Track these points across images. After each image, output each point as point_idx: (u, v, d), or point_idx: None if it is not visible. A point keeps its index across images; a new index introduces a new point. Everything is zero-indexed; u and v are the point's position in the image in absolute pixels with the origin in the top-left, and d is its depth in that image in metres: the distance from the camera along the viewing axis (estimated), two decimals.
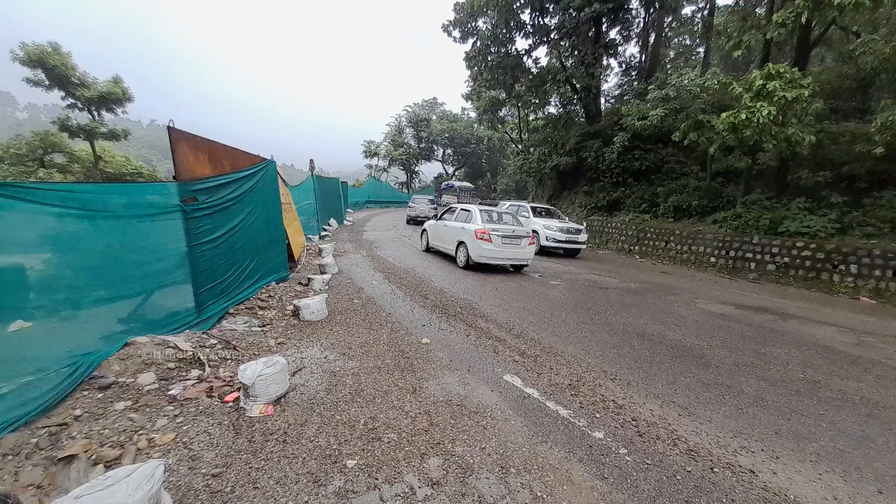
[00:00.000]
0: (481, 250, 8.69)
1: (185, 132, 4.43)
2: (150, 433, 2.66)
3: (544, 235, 12.65)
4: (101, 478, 1.88)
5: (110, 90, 25.99)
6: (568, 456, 2.74)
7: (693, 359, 4.70)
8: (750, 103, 9.82)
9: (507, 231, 8.86)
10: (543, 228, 12.75)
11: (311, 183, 13.39)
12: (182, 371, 3.47)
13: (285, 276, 6.77)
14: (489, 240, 8.61)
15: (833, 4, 8.34)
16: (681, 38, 27.55)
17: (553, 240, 12.53)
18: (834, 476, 2.71)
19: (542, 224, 12.91)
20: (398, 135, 45.90)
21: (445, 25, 21.36)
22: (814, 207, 10.71)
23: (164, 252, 4.14)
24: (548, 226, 12.77)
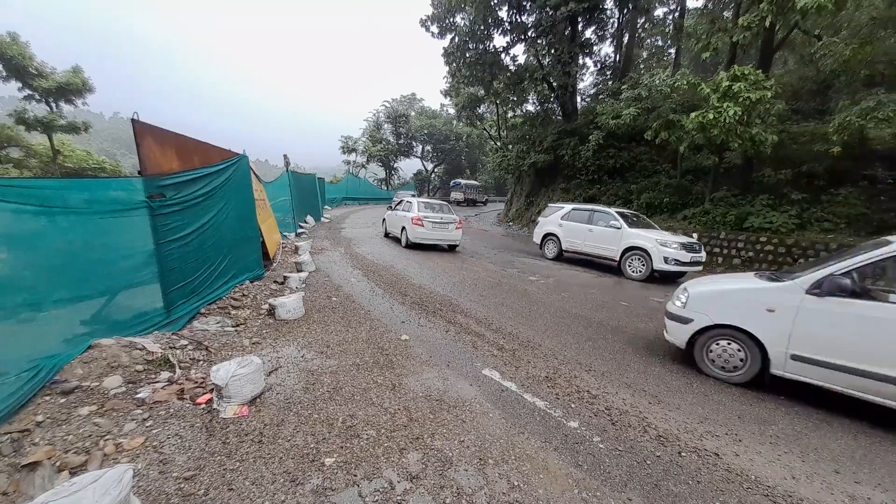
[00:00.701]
0: (416, 233, 10.96)
1: (151, 125, 4.27)
2: (118, 438, 2.57)
3: (660, 255, 8.95)
4: (66, 484, 1.81)
5: (69, 80, 24.63)
6: (544, 445, 2.81)
7: (663, 349, 4.88)
8: (717, 104, 10.21)
9: (437, 218, 11.14)
10: (658, 246, 9.04)
11: (286, 179, 13.10)
12: (151, 373, 3.35)
13: (260, 274, 6.61)
14: (422, 225, 10.89)
15: (796, 8, 8.73)
16: (653, 39, 28.32)
17: (674, 261, 8.82)
18: (792, 457, 2.88)
19: (655, 239, 9.17)
20: (376, 130, 45.34)
21: (423, 20, 21.21)
22: (776, 204, 11.24)
23: (130, 250, 3.98)
24: (663, 241, 9.05)
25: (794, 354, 3.60)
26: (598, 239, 10.35)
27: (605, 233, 10.15)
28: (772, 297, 3.76)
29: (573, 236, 11.06)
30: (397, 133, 45.67)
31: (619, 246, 9.77)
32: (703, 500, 2.37)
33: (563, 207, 11.78)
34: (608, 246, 10.07)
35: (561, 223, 11.44)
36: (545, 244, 12.05)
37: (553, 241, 11.78)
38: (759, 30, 10.21)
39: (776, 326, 3.69)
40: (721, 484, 2.53)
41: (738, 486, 2.52)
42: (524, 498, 2.30)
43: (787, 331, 3.62)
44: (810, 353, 3.51)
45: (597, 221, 10.51)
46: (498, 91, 23.29)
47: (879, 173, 10.82)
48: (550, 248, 11.85)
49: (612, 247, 9.96)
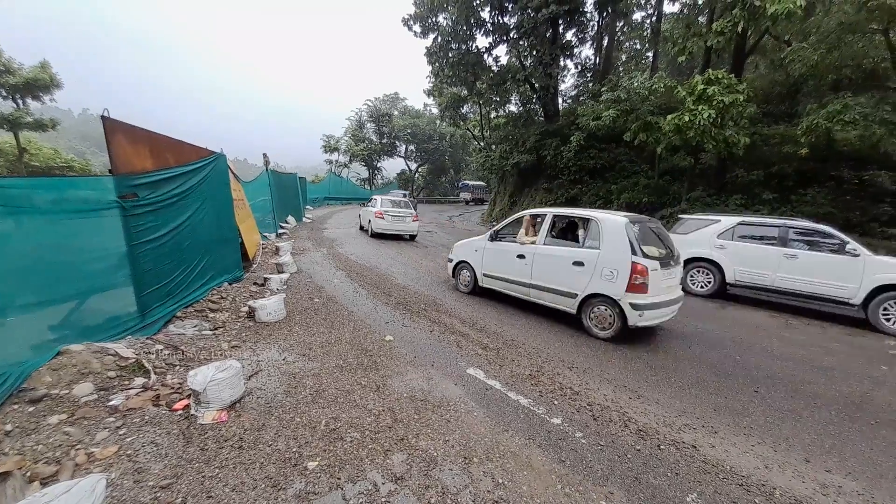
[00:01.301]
0: (378, 224, 13.08)
1: (123, 122, 4.11)
2: (90, 447, 2.47)
3: None
4: (37, 494, 1.75)
5: (37, 76, 23.58)
6: (528, 442, 2.84)
7: (643, 345, 4.99)
8: (692, 106, 10.51)
9: (396, 212, 13.16)
10: None
11: (266, 178, 12.85)
12: (124, 380, 3.24)
13: (239, 276, 6.47)
14: (383, 218, 12.98)
15: (767, 14, 9.06)
16: (632, 43, 28.94)
17: None
18: (765, 447, 2.98)
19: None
20: (359, 129, 44.88)
21: (406, 19, 21.13)
22: (748, 203, 11.65)
23: (101, 252, 3.84)
24: None
25: (486, 274, 6.61)
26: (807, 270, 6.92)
27: (824, 261, 6.78)
28: (478, 244, 6.78)
29: (753, 264, 7.44)
30: (380, 132, 45.33)
31: (858, 283, 6.42)
32: (682, 492, 2.44)
33: (716, 220, 8.07)
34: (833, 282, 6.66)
35: (722, 244, 7.75)
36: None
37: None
38: (731, 35, 10.56)
39: (479, 258, 6.71)
40: (698, 475, 2.60)
41: (714, 477, 2.59)
42: (508, 495, 2.31)
43: (481, 260, 6.66)
44: (488, 271, 6.55)
45: (796, 244, 7.17)
46: (481, 91, 23.40)
47: (845, 174, 11.34)
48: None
49: (843, 284, 6.56)
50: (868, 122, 9.56)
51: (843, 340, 5.77)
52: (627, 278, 4.69)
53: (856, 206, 10.35)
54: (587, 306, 5.19)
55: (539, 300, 5.79)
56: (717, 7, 11.98)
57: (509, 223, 6.49)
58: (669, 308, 5.07)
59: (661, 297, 4.87)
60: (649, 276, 4.66)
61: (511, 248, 6.15)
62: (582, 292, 5.15)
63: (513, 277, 6.11)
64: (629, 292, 4.69)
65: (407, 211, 13.57)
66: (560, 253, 5.48)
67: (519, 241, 6.08)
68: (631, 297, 4.70)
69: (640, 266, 4.65)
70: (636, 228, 4.99)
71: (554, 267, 5.51)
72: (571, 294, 5.28)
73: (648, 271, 4.66)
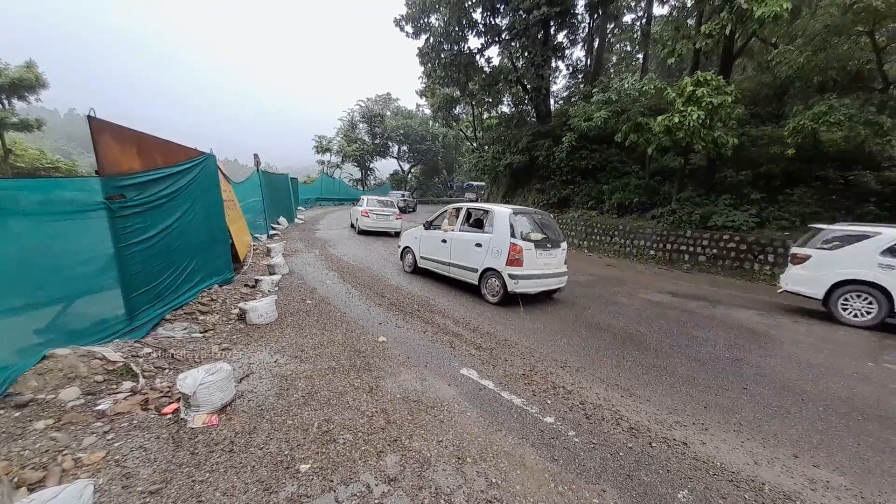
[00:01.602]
0: (363, 223, 14.24)
1: (110, 122, 4.05)
2: (77, 452, 2.43)
3: None
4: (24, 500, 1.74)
5: (22, 76, 23.11)
6: (521, 442, 2.84)
7: (634, 344, 5.03)
8: (682, 108, 10.63)
9: (380, 211, 14.33)
10: None
11: (257, 179, 12.74)
12: (112, 384, 3.19)
13: (229, 277, 6.40)
14: (368, 216, 14.16)
15: (754, 17, 9.19)
16: (622, 45, 29.23)
17: None
18: (754, 443, 3.02)
19: None
20: (351, 130, 44.69)
21: (398, 20, 21.10)
22: (737, 203, 11.81)
23: (88, 254, 3.78)
24: None
25: (422, 256, 8.00)
26: None
27: None
28: (417, 233, 8.21)
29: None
30: (373, 133, 45.19)
31: None
32: (673, 488, 2.46)
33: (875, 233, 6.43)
34: None
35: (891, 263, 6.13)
36: None
37: None
38: (719, 37, 10.70)
39: (418, 245, 8.11)
40: (689, 471, 2.63)
41: (704, 473, 2.62)
42: (502, 494, 2.32)
43: (419, 245, 8.08)
44: (423, 254, 7.95)
45: None
46: (473, 92, 23.45)
47: (831, 174, 11.54)
48: None
49: None
50: (853, 123, 9.74)
51: None
52: (507, 255, 6.05)
53: (841, 206, 10.53)
54: (484, 278, 6.58)
55: (455, 275, 7.22)
56: (706, 10, 12.14)
57: (439, 215, 7.90)
58: (543, 280, 6.39)
59: (534, 270, 6.22)
60: (524, 254, 6.04)
61: (438, 234, 7.55)
62: (480, 267, 6.55)
63: (438, 258, 7.54)
64: (508, 265, 6.06)
65: (390, 210, 14.69)
66: (468, 237, 6.87)
67: (443, 229, 7.47)
68: (509, 270, 6.06)
69: (517, 246, 6.03)
70: (518, 218, 6.35)
71: (464, 248, 6.91)
72: (474, 269, 6.69)
73: (523, 250, 6.03)
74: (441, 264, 7.47)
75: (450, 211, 7.61)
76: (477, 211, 7.17)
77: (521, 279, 6.07)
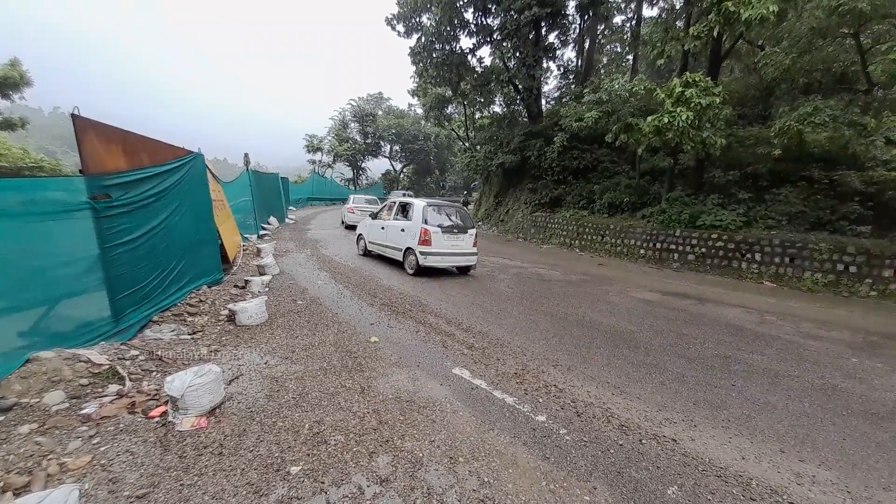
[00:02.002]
0: (348, 218, 16.22)
1: (94, 121, 3.98)
2: (62, 457, 2.39)
3: None
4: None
5: (6, 74, 22.53)
6: (513, 440, 2.85)
7: (625, 342, 5.08)
8: (671, 108, 10.75)
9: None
10: None
11: (246, 178, 12.61)
12: (97, 387, 3.13)
13: (218, 278, 6.32)
14: (353, 212, 15.82)
15: (741, 20, 9.32)
16: (612, 46, 29.47)
17: None
18: (742, 439, 3.07)
19: None
20: (342, 129, 44.43)
21: (389, 19, 21.03)
22: (725, 203, 11.98)
23: (73, 256, 3.71)
24: None
25: (369, 241, 9.77)
26: None
27: None
28: (367, 222, 10.05)
29: None
30: (364, 132, 45.01)
31: None
32: (663, 485, 2.48)
33: None
34: None
35: None
36: None
37: None
38: (707, 39, 10.84)
39: (367, 231, 9.92)
40: (678, 468, 2.66)
41: (693, 469, 2.65)
42: (494, 493, 2.32)
43: (367, 232, 9.79)
44: (371, 240, 9.72)
45: None
46: (465, 92, 23.45)
47: (816, 174, 11.76)
48: None
49: None
50: (837, 123, 9.94)
51: None
52: (419, 236, 7.88)
53: (826, 205, 10.74)
54: (406, 255, 8.45)
55: (389, 255, 9.16)
56: (694, 12, 12.30)
57: (381, 208, 9.95)
58: (449, 258, 8.22)
59: (442, 249, 8.01)
60: (431, 236, 7.86)
61: (379, 223, 9.53)
62: (403, 246, 8.48)
63: (379, 241, 9.50)
64: (419, 245, 7.92)
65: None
66: (397, 224, 8.78)
67: (382, 219, 9.42)
68: (421, 248, 7.91)
69: (426, 230, 7.87)
70: (430, 209, 8.29)
71: (395, 232, 8.79)
72: (400, 248, 8.62)
73: (431, 233, 7.86)
74: (381, 246, 9.45)
75: (388, 205, 9.56)
76: (404, 204, 8.96)
77: (430, 255, 7.92)
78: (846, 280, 9.05)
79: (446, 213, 8.57)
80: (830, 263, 9.31)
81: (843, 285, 9.02)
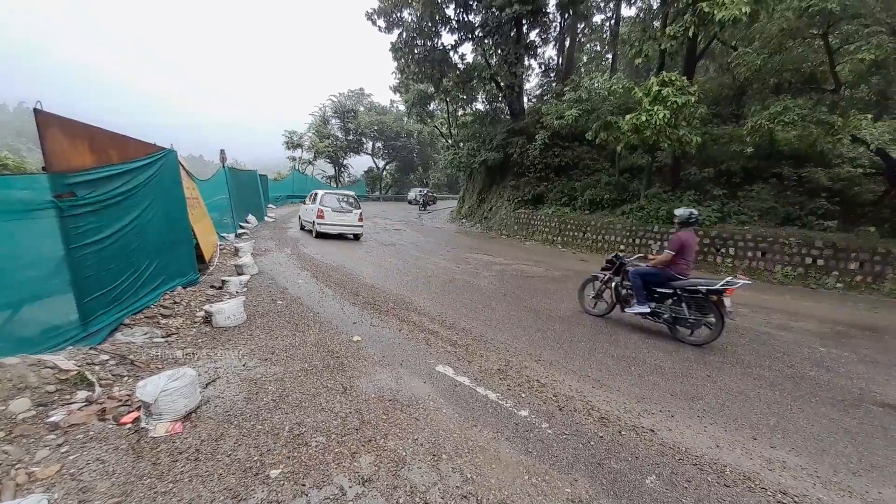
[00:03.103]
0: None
1: (59, 116, 3.79)
2: (30, 466, 2.29)
3: None
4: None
5: None
6: (496, 436, 2.87)
7: (605, 336, 5.17)
8: (649, 107, 10.95)
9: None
10: None
11: (223, 176, 12.28)
12: (65, 394, 2.99)
13: (194, 279, 6.14)
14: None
15: (715, 20, 9.57)
16: (592, 44, 29.86)
17: None
18: (717, 427, 3.17)
19: None
20: (323, 126, 43.68)
21: (369, 13, 20.74)
22: (701, 199, 12.31)
23: (36, 257, 3.54)
24: None
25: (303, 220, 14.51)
26: None
27: None
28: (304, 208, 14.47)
29: None
30: (346, 129, 44.38)
31: None
32: (641, 474, 2.54)
33: None
34: None
35: None
36: None
37: None
38: (683, 39, 11.09)
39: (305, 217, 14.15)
40: (656, 457, 2.72)
41: (671, 459, 2.72)
42: (476, 489, 2.33)
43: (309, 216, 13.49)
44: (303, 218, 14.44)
45: None
46: (447, 89, 23.40)
47: (786, 171, 12.21)
48: None
49: None
50: (806, 122, 10.30)
51: None
52: (317, 214, 12.47)
53: (795, 201, 11.17)
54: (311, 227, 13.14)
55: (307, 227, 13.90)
56: (671, 12, 12.54)
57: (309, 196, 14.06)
58: (338, 227, 12.72)
59: (331, 222, 12.59)
60: (324, 214, 12.46)
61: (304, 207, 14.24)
62: (310, 220, 13.16)
63: (305, 219, 14.01)
64: (317, 219, 12.52)
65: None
66: (312, 207, 13.08)
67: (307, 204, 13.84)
68: (318, 221, 12.50)
69: (321, 210, 12.46)
70: (327, 196, 12.98)
71: (310, 212, 13.10)
72: (311, 222, 12.97)
73: (324, 212, 12.45)
74: (306, 222, 13.83)
75: (311, 194, 13.90)
76: (315, 193, 13.30)
77: (322, 226, 12.52)
78: (814, 273, 9.45)
79: (338, 199, 13.18)
80: (800, 257, 9.70)
81: (811, 278, 9.41)
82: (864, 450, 2.97)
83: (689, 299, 4.94)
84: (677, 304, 5.07)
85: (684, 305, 4.98)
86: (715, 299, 4.71)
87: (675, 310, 5.06)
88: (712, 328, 4.81)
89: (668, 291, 5.13)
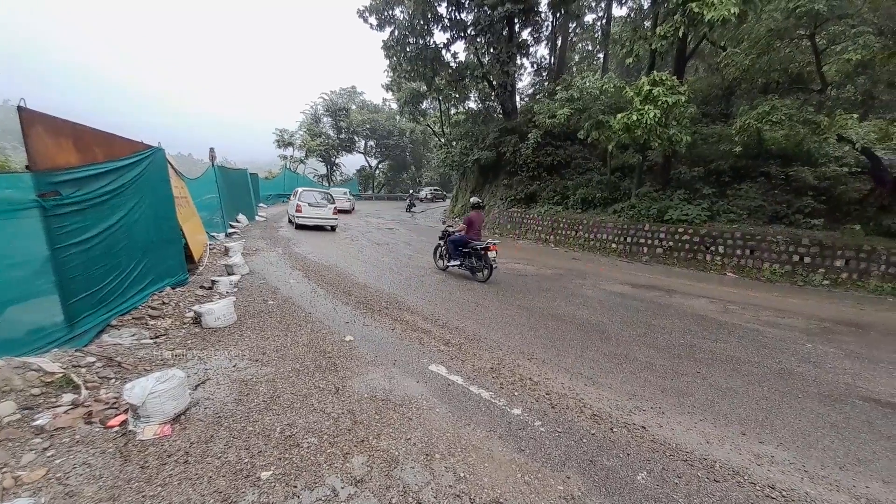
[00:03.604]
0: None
1: (43, 113, 3.71)
2: (16, 470, 2.25)
3: None
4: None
5: None
6: (489, 435, 2.87)
7: (597, 334, 5.21)
8: (640, 106, 11.03)
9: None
10: None
11: (212, 174, 12.12)
12: (51, 397, 2.93)
13: (183, 279, 6.06)
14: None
15: (704, 21, 9.67)
16: (584, 44, 30.04)
17: None
18: (706, 423, 3.21)
19: None
20: (315, 124, 43.29)
21: (361, 11, 20.62)
22: (690, 198, 12.45)
23: (20, 257, 3.46)
24: None
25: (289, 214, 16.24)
26: None
27: None
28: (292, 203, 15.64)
29: None
30: (338, 127, 44.04)
31: None
32: (633, 471, 2.56)
33: None
34: None
35: None
36: None
37: None
38: (673, 39, 11.18)
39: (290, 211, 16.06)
40: (647, 454, 2.75)
41: (661, 455, 2.75)
42: (469, 488, 2.33)
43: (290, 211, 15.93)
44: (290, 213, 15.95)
45: None
46: (440, 87, 23.36)
47: (773, 170, 12.39)
48: None
49: None
50: (793, 122, 10.47)
51: None
52: (297, 208, 14.33)
53: (783, 200, 11.34)
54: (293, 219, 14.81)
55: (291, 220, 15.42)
56: (661, 12, 12.64)
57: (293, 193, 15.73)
58: (315, 220, 14.45)
59: (309, 215, 14.33)
60: (303, 208, 14.25)
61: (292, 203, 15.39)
62: (292, 214, 15.17)
63: (290, 213, 15.64)
64: (295, 213, 14.45)
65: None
66: (293, 202, 14.80)
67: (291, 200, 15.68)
68: (297, 215, 14.31)
69: (299, 204, 14.30)
70: (305, 193, 14.92)
71: (293, 206, 14.72)
72: (293, 216, 14.77)
73: (302, 207, 14.25)
74: (290, 215, 15.53)
75: (294, 191, 15.38)
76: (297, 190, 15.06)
77: (301, 219, 14.21)
78: (801, 270, 9.61)
79: (315, 196, 15.03)
80: (787, 255, 9.86)
81: (798, 275, 9.57)
82: (850, 444, 3.03)
83: (476, 254, 7.89)
84: (471, 257, 8.01)
85: (474, 258, 7.95)
86: (483, 254, 7.69)
87: (471, 261, 8.02)
88: (488, 271, 7.77)
89: (467, 251, 8.07)
